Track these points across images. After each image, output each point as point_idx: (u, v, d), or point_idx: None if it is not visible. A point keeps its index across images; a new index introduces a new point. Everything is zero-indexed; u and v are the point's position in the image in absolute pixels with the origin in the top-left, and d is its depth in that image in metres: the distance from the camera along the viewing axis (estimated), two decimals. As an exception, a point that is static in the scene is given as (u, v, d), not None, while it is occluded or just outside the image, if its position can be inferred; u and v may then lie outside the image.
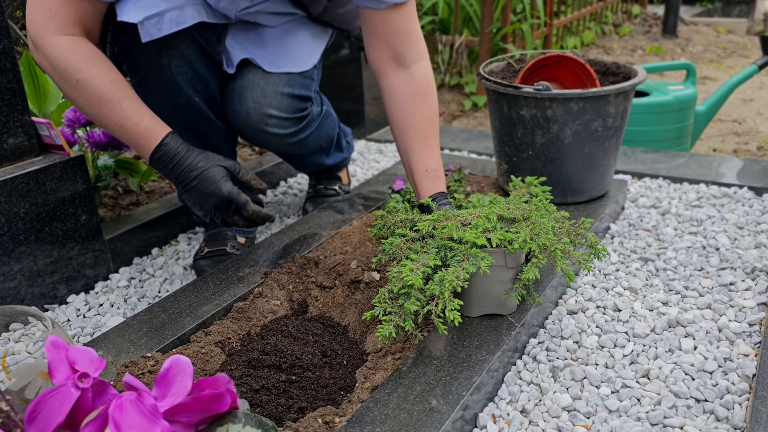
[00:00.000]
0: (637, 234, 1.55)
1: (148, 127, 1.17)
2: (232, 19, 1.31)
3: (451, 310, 0.96)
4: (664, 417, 0.98)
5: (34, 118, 1.32)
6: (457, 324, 0.97)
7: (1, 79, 1.24)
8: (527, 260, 1.10)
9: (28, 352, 1.16)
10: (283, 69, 1.36)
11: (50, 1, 1.11)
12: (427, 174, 1.26)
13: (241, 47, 1.35)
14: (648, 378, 1.08)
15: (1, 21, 1.23)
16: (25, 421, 0.63)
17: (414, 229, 1.11)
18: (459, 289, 0.99)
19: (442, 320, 0.99)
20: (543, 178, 1.35)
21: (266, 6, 1.33)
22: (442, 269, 1.02)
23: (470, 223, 1.07)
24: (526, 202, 1.19)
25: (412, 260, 1.02)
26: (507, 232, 1.05)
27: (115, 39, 1.28)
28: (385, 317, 0.99)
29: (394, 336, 0.98)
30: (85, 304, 1.35)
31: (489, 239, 1.04)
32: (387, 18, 1.23)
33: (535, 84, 1.44)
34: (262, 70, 1.35)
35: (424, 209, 1.23)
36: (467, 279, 1.00)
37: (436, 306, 0.97)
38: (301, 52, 1.41)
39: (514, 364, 1.11)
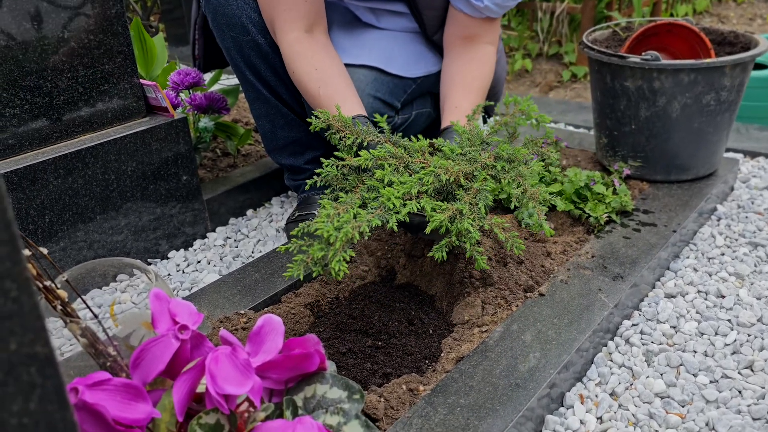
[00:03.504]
0: (746, 217, 1.45)
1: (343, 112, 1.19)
2: None
3: (338, 261, 0.88)
4: (768, 412, 0.92)
5: (142, 81, 1.38)
6: (340, 277, 0.88)
7: (113, 43, 1.30)
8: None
9: (133, 302, 1.23)
10: (370, 62, 1.33)
11: (283, 2, 1.22)
12: (456, 110, 1.25)
13: (332, 36, 1.34)
14: (751, 370, 1.01)
15: (115, -14, 1.29)
16: (130, 366, 0.67)
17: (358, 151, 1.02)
18: (357, 238, 0.89)
19: (336, 269, 0.89)
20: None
21: (382, 3, 1.33)
22: (360, 211, 0.94)
23: (415, 169, 0.98)
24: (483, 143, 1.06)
25: (338, 201, 0.95)
26: (434, 200, 0.96)
27: None
28: (296, 257, 0.95)
29: (302, 278, 0.95)
30: (185, 260, 1.42)
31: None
32: (477, 21, 1.31)
33: (643, 54, 1.36)
34: (347, 66, 1.32)
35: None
36: (369, 232, 0.91)
37: (329, 255, 0.89)
38: (401, 56, 1.38)
39: (605, 345, 1.07)
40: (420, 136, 1.06)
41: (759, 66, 2.14)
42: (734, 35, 1.53)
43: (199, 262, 1.42)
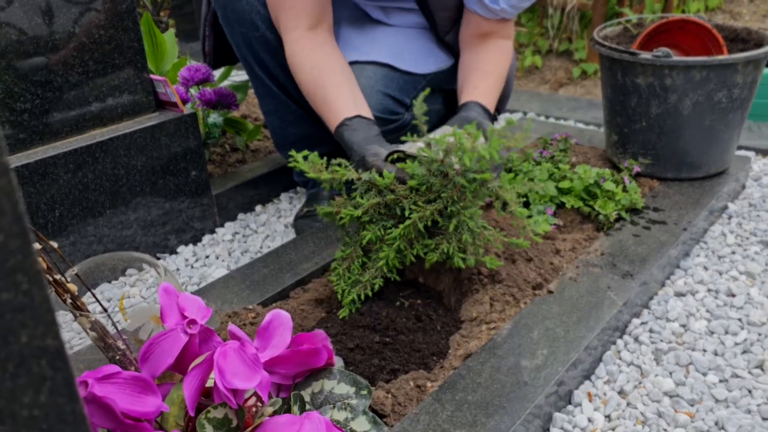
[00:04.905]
0: (758, 215, 1.44)
1: (331, 119, 1.18)
2: None
3: (344, 312, 1.05)
4: (778, 412, 0.92)
5: (151, 76, 1.38)
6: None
7: (124, 38, 1.30)
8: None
9: (142, 297, 1.24)
10: (380, 59, 1.33)
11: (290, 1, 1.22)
12: (475, 90, 1.25)
13: (341, 33, 1.35)
14: (762, 369, 1.01)
15: (125, -19, 1.29)
16: (139, 360, 0.68)
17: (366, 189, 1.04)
18: (363, 298, 1.05)
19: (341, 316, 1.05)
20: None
21: (393, 1, 1.33)
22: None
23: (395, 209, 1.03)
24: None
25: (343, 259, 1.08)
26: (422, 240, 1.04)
27: None
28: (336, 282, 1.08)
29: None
30: (193, 255, 1.42)
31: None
32: (491, 21, 1.32)
33: (654, 50, 1.35)
34: (357, 63, 1.32)
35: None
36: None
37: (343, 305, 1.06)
38: (411, 53, 1.38)
39: (614, 344, 1.07)
40: (385, 172, 1.02)
41: (772, 63, 2.12)
42: (747, 32, 1.52)
43: (207, 257, 1.42)
